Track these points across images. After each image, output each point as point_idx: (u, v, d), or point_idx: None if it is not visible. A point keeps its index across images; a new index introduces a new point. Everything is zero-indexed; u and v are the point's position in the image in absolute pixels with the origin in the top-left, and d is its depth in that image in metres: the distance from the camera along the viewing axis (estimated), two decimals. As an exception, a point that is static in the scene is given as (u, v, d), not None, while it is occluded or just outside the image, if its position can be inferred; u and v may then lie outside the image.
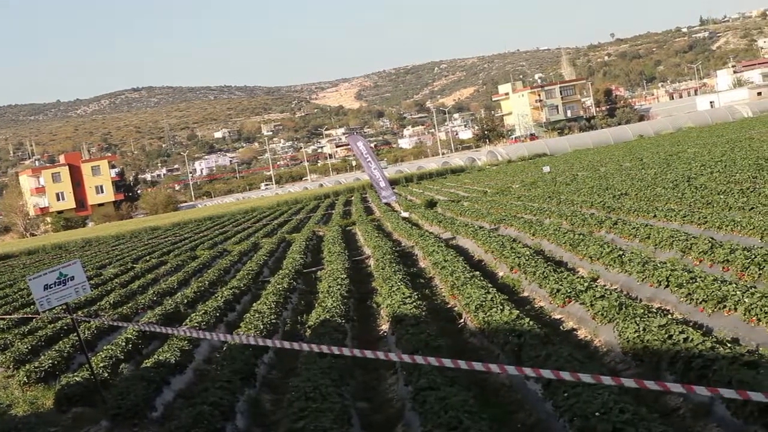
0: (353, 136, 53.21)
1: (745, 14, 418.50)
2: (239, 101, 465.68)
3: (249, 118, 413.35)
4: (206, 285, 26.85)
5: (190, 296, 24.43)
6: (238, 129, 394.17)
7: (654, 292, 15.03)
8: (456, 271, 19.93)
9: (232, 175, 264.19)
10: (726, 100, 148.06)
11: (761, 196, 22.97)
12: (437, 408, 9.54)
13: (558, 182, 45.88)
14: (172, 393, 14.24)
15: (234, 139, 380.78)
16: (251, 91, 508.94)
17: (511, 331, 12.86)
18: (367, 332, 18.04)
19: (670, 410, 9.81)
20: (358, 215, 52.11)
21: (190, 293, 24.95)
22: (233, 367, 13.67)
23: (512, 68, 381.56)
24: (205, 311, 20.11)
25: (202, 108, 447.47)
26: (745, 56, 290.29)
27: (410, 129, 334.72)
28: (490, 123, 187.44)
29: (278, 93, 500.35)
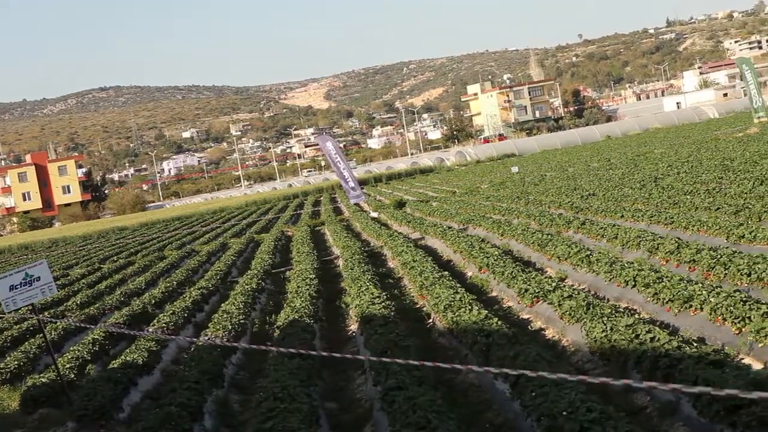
0: (322, 136, 53.16)
1: (711, 16, 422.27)
2: (207, 101, 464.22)
3: (217, 118, 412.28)
4: (174, 285, 26.72)
5: (158, 297, 24.31)
6: (207, 129, 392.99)
7: (621, 291, 15.12)
8: (425, 271, 19.95)
9: (200, 175, 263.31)
10: (692, 101, 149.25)
11: (727, 197, 23.16)
12: (405, 408, 9.55)
13: (526, 182, 46.00)
14: (140, 394, 14.16)
15: (202, 139, 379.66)
16: (219, 90, 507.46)
17: (480, 331, 12.89)
18: (336, 332, 18.02)
19: (636, 409, 9.87)
20: (327, 215, 52.03)
21: (158, 294, 24.82)
22: (201, 367, 13.61)
23: (481, 69, 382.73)
24: (173, 312, 20.01)
25: (170, 108, 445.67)
26: (711, 57, 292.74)
27: (379, 129, 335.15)
28: (459, 123, 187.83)
29: (247, 93, 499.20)
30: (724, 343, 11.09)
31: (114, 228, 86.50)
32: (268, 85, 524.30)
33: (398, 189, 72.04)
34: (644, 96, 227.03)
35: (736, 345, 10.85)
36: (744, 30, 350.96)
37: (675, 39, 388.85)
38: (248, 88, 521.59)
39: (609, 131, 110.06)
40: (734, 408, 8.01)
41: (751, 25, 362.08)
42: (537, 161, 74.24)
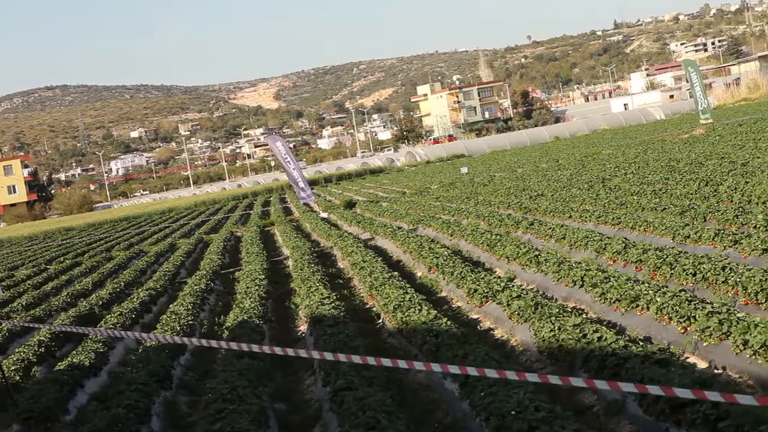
0: (272, 136, 53.02)
1: (657, 18, 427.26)
2: (156, 100, 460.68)
3: (166, 117, 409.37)
4: (122, 286, 26.49)
5: (106, 298, 24.08)
6: (155, 128, 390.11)
7: (569, 291, 15.23)
8: (375, 271, 19.97)
9: (148, 175, 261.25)
10: (639, 102, 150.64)
11: (673, 197, 23.43)
12: (355, 408, 9.55)
13: (476, 183, 46.19)
14: (86, 396, 14.01)
15: (151, 138, 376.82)
16: (168, 90, 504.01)
17: (429, 331, 12.93)
18: (286, 333, 17.98)
19: (584, 408, 9.95)
20: (277, 216, 51.88)
21: (106, 294, 24.59)
22: (149, 369, 13.51)
23: (431, 69, 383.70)
24: (121, 313, 19.85)
25: (118, 107, 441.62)
26: (658, 59, 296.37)
27: (329, 129, 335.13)
28: (409, 124, 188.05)
29: (196, 92, 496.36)
30: (669, 342, 11.22)
31: (60, 228, 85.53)
32: (218, 85, 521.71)
33: (348, 189, 72.01)
34: (592, 97, 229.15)
35: (682, 344, 10.99)
36: (690, 32, 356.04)
37: (622, 41, 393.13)
38: (197, 87, 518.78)
39: (557, 132, 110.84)
40: (679, 406, 8.11)
41: (697, 27, 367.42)
42: (486, 162, 74.57)
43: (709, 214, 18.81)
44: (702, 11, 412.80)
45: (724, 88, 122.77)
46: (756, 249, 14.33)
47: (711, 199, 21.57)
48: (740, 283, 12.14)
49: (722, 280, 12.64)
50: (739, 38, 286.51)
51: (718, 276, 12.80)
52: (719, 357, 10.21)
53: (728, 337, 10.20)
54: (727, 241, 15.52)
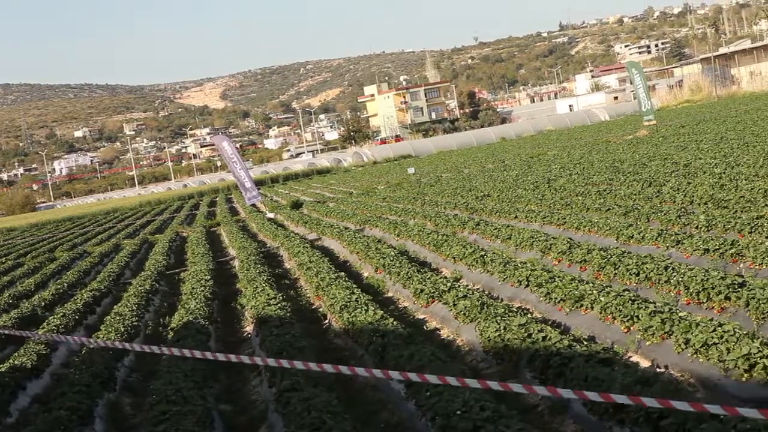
0: (218, 136, 52.67)
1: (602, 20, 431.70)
2: (100, 99, 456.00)
3: (111, 117, 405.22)
4: (65, 287, 26.16)
5: (48, 299, 23.77)
6: (100, 128, 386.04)
7: (515, 291, 15.33)
8: (321, 271, 19.95)
9: (93, 174, 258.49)
10: (584, 103, 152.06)
11: (617, 198, 23.68)
12: (300, 409, 9.53)
13: (422, 183, 46.35)
14: (28, 398, 13.82)
15: (95, 138, 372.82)
16: (113, 89, 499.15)
17: (375, 332, 12.94)
18: (232, 334, 17.89)
19: (529, 407, 10.01)
20: (223, 216, 51.63)
21: (48, 296, 24.27)
22: (92, 370, 13.35)
23: (378, 70, 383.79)
24: (64, 314, 19.60)
25: (62, 106, 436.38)
26: (603, 61, 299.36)
27: (276, 129, 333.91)
28: (356, 124, 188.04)
29: (141, 92, 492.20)
30: (613, 341, 11.34)
31: (2, 229, 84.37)
32: (163, 84, 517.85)
33: (295, 190, 71.88)
34: (538, 98, 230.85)
35: (625, 343, 11.10)
36: (634, 35, 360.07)
37: (567, 43, 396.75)
38: (142, 87, 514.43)
39: (504, 133, 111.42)
40: (623, 405, 8.18)
41: (641, 30, 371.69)
42: (433, 162, 74.79)
43: (652, 214, 19.04)
44: (645, 14, 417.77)
45: (667, 89, 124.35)
46: (698, 249, 14.53)
47: (654, 199, 21.84)
48: (682, 283, 12.30)
49: (665, 280, 12.80)
50: (681, 41, 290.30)
51: (661, 276, 12.95)
52: (662, 356, 10.34)
53: (670, 336, 10.33)
54: (669, 241, 15.72)
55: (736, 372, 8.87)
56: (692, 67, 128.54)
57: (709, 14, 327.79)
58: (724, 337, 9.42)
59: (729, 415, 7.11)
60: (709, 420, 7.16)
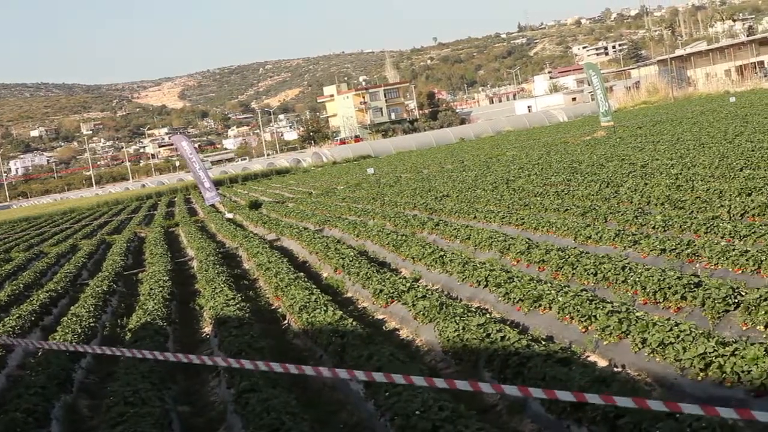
0: (177, 136, 52.36)
1: (560, 22, 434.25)
2: (57, 99, 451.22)
3: (67, 116, 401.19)
4: (21, 288, 25.89)
5: (4, 300, 23.50)
6: (56, 128, 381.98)
7: (474, 291, 15.38)
8: (280, 272, 19.91)
9: (49, 174, 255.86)
10: (543, 104, 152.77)
11: (575, 198, 23.83)
12: (259, 410, 9.51)
13: (382, 184, 46.36)
14: (-16, 401, 13.68)
15: (51, 138, 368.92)
16: (70, 88, 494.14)
17: (335, 332, 12.94)
18: (190, 335, 17.80)
19: (487, 407, 10.05)
20: (182, 216, 51.36)
21: (4, 297, 23.99)
22: (49, 372, 13.24)
23: (337, 70, 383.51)
24: (20, 315, 19.40)
25: (18, 105, 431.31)
26: (561, 62, 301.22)
27: (235, 129, 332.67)
28: (315, 124, 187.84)
29: (98, 91, 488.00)
30: (571, 341, 11.41)
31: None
32: (121, 84, 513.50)
33: (254, 190, 71.61)
34: (497, 99, 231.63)
35: (583, 343, 11.18)
36: (591, 36, 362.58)
37: (526, 44, 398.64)
38: (100, 86, 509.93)
39: (463, 133, 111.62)
40: (580, 404, 8.24)
41: (598, 31, 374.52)
42: (392, 163, 74.83)
43: (609, 214, 19.18)
44: (603, 15, 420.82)
45: (624, 91, 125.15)
46: (654, 249, 14.66)
47: (612, 200, 21.99)
48: (639, 283, 12.40)
49: (622, 280, 12.90)
50: (638, 42, 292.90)
51: (618, 276, 13.06)
52: (619, 355, 10.42)
53: (627, 336, 10.42)
54: (626, 241, 15.85)
55: (692, 371, 8.96)
56: (649, 68, 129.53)
57: (666, 16, 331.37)
58: (680, 336, 9.51)
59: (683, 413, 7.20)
60: (665, 419, 7.23)
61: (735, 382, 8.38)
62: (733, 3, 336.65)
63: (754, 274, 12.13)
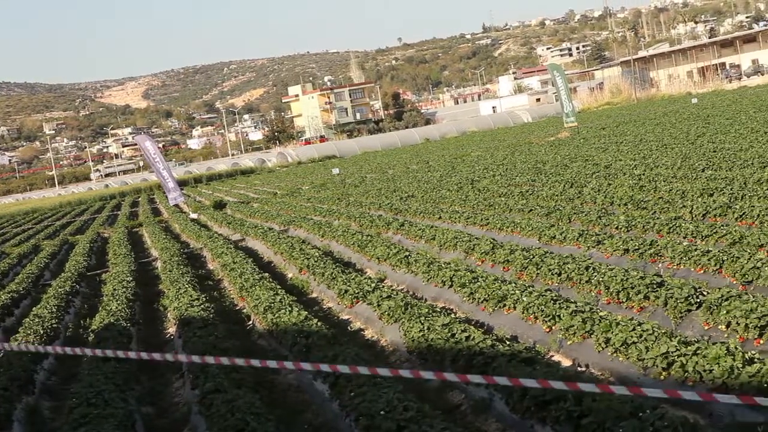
0: (141, 135, 52.04)
1: (524, 23, 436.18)
2: (19, 98, 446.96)
3: (30, 116, 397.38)
4: (-18, 289, 25.65)
5: (-35, 301, 23.27)
6: (18, 127, 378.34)
7: (439, 291, 15.41)
8: (245, 272, 19.85)
9: (11, 174, 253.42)
10: (507, 105, 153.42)
11: (539, 199, 23.93)
12: (224, 411, 9.48)
13: (347, 184, 46.35)
14: (-56, 404, 13.53)
15: (13, 137, 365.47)
16: (32, 87, 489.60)
17: (300, 332, 12.92)
18: (154, 336, 17.71)
19: (452, 407, 10.08)
20: (146, 216, 51.09)
21: (-35, 298, 23.77)
22: (10, 373, 13.11)
23: (302, 70, 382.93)
24: (-19, 317, 19.23)
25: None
26: (525, 63, 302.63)
27: (199, 129, 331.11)
28: (280, 124, 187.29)
29: (61, 90, 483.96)
30: (535, 341, 11.47)
31: None
32: (84, 83, 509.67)
33: (219, 190, 71.32)
34: (461, 100, 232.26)
35: (547, 342, 11.24)
36: (555, 37, 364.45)
37: (491, 45, 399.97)
38: (63, 85, 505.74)
39: (428, 134, 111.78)
40: (544, 403, 8.30)
41: (562, 32, 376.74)
42: (358, 163, 74.82)
43: (573, 215, 19.29)
44: (567, 17, 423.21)
45: (588, 92, 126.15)
46: (618, 249, 14.76)
47: (575, 200, 22.13)
48: (603, 283, 12.48)
49: (586, 280, 12.98)
50: (602, 44, 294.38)
51: (582, 276, 13.13)
52: (583, 355, 10.49)
53: (591, 336, 10.48)
54: (590, 241, 15.95)
55: (654, 370, 9.04)
56: (612, 69, 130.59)
57: (629, 18, 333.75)
58: (643, 336, 9.59)
59: (648, 413, 7.27)
60: (629, 418, 7.29)
61: (697, 381, 8.46)
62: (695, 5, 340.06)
63: (716, 274, 12.24)
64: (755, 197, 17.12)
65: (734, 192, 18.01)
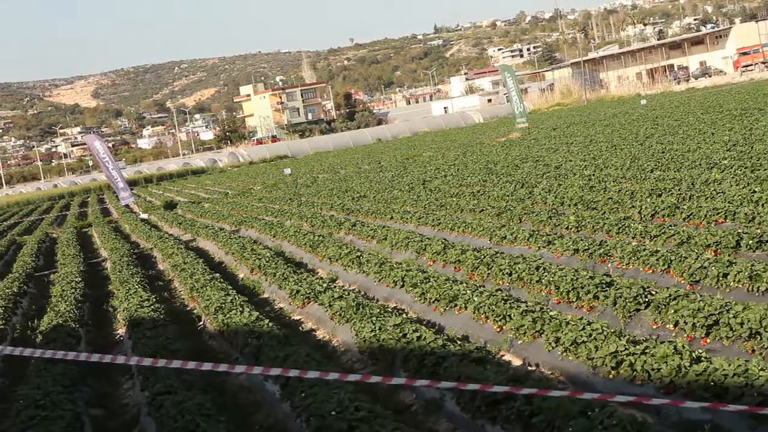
0: (90, 135, 51.51)
1: (476, 24, 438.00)
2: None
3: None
4: (-73, 291, 25.23)
5: None
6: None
7: (390, 291, 15.43)
8: (196, 273, 19.74)
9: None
10: (459, 106, 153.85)
11: (490, 199, 24.04)
12: (174, 412, 9.42)
13: (299, 184, 46.26)
14: None
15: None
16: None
17: (251, 333, 12.87)
18: (103, 337, 17.54)
19: (403, 407, 10.09)
20: (95, 217, 50.60)
21: None
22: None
23: (254, 70, 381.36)
24: (-74, 318, 18.90)
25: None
26: (477, 64, 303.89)
27: (150, 129, 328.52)
28: (232, 124, 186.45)
29: (8, 89, 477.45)
30: (486, 340, 11.51)
31: None
32: (32, 82, 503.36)
33: (169, 190, 70.85)
34: (414, 100, 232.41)
35: (498, 342, 11.29)
36: (506, 38, 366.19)
37: (442, 45, 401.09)
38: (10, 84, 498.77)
39: (380, 134, 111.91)
40: (494, 403, 8.34)
41: (513, 33, 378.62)
42: (309, 163, 74.71)
43: (524, 215, 19.40)
44: (518, 18, 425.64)
45: (539, 93, 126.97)
46: (568, 249, 14.87)
47: (526, 200, 22.25)
48: (553, 282, 12.57)
49: (536, 280, 13.06)
50: (552, 45, 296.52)
51: (533, 275, 13.21)
52: (533, 354, 10.55)
53: (541, 335, 10.55)
54: (541, 241, 16.05)
55: (603, 369, 9.11)
56: (563, 71, 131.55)
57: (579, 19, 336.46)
58: (593, 335, 9.67)
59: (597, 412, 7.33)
60: (578, 417, 7.34)
61: (645, 379, 8.54)
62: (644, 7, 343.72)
63: (664, 274, 12.38)
64: (703, 198, 17.33)
65: (682, 192, 18.23)
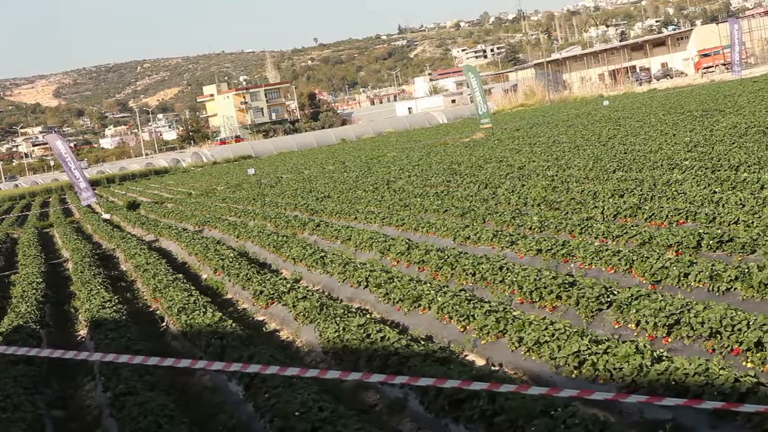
0: (51, 135, 51.09)
1: (440, 24, 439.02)
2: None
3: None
4: None
5: None
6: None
7: (354, 292, 15.44)
8: (159, 273, 19.65)
9: None
10: (423, 106, 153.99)
11: (454, 199, 24.11)
12: (136, 413, 9.38)
13: (263, 184, 46.15)
14: None
15: None
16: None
17: (214, 334, 12.84)
18: (65, 338, 17.42)
19: (367, 407, 10.10)
20: (57, 217, 50.23)
21: None
22: None
23: (217, 70, 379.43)
24: None
25: None
26: (441, 65, 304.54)
27: (112, 129, 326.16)
28: (195, 124, 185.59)
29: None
30: (450, 340, 11.55)
31: None
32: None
33: (132, 190, 70.44)
34: (378, 100, 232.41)
35: (462, 342, 11.33)
36: (470, 39, 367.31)
37: (406, 46, 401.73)
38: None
39: (344, 134, 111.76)
40: (458, 402, 8.37)
41: (477, 34, 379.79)
42: (273, 163, 74.54)
43: (488, 215, 19.47)
44: (482, 19, 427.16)
45: (502, 93, 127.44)
46: (531, 249, 14.94)
47: (490, 201, 22.32)
48: (516, 283, 12.62)
49: (500, 280, 13.11)
50: (516, 46, 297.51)
51: (496, 276, 13.27)
52: (496, 354, 10.59)
53: (505, 335, 10.60)
54: (504, 241, 16.12)
55: (566, 369, 9.17)
56: (526, 72, 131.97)
57: (542, 20, 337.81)
58: (556, 335, 9.73)
59: (559, 412, 7.37)
60: (540, 416, 7.38)
61: (608, 379, 8.60)
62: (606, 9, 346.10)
63: (626, 274, 12.47)
64: (664, 198, 17.48)
65: (644, 193, 18.37)
